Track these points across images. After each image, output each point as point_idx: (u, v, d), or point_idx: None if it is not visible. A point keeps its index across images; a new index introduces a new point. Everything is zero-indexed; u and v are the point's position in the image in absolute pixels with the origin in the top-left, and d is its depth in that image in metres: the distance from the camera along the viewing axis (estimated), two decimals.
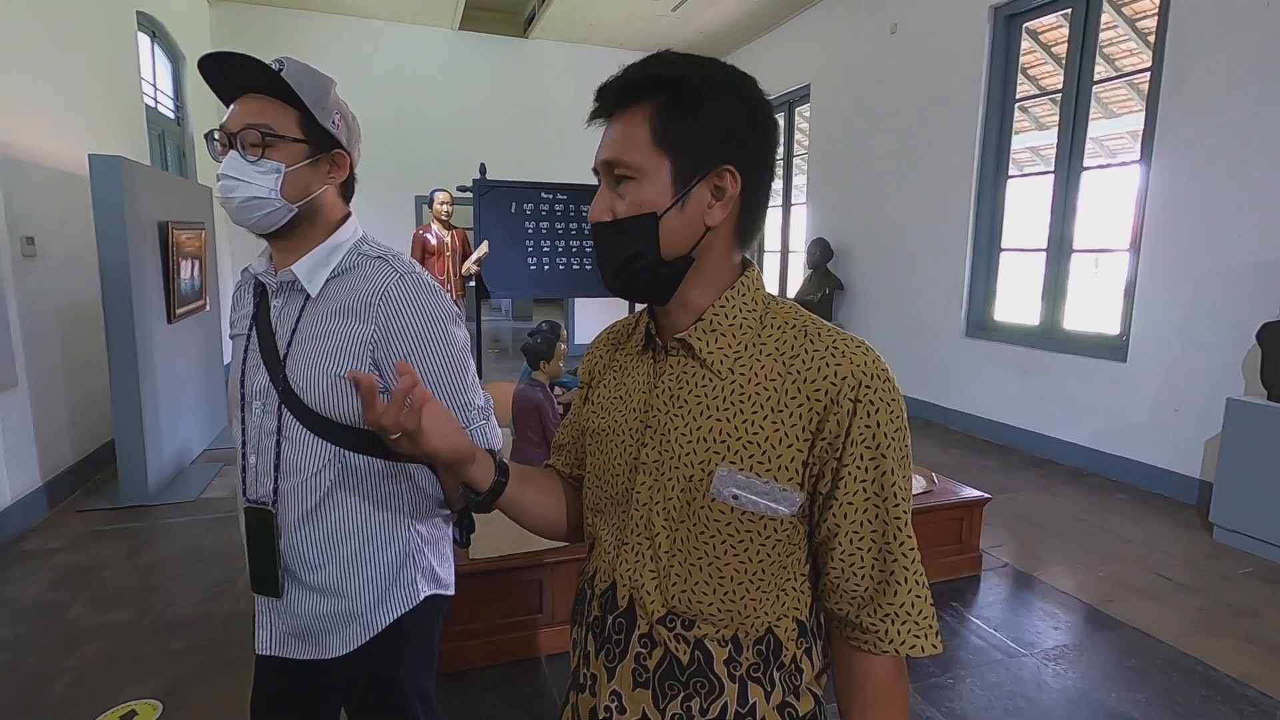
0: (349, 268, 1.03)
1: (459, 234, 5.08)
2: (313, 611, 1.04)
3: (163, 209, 3.89)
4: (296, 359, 1.00)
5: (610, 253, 0.70)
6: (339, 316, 1.00)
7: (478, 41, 7.98)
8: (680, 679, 0.71)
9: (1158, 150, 3.92)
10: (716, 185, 0.68)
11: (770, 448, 0.67)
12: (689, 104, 0.65)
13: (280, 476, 1.00)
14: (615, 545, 0.75)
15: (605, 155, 0.69)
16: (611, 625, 0.75)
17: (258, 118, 0.96)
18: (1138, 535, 3.41)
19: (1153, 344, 4.00)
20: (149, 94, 5.38)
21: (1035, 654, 2.41)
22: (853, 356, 0.67)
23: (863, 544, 0.68)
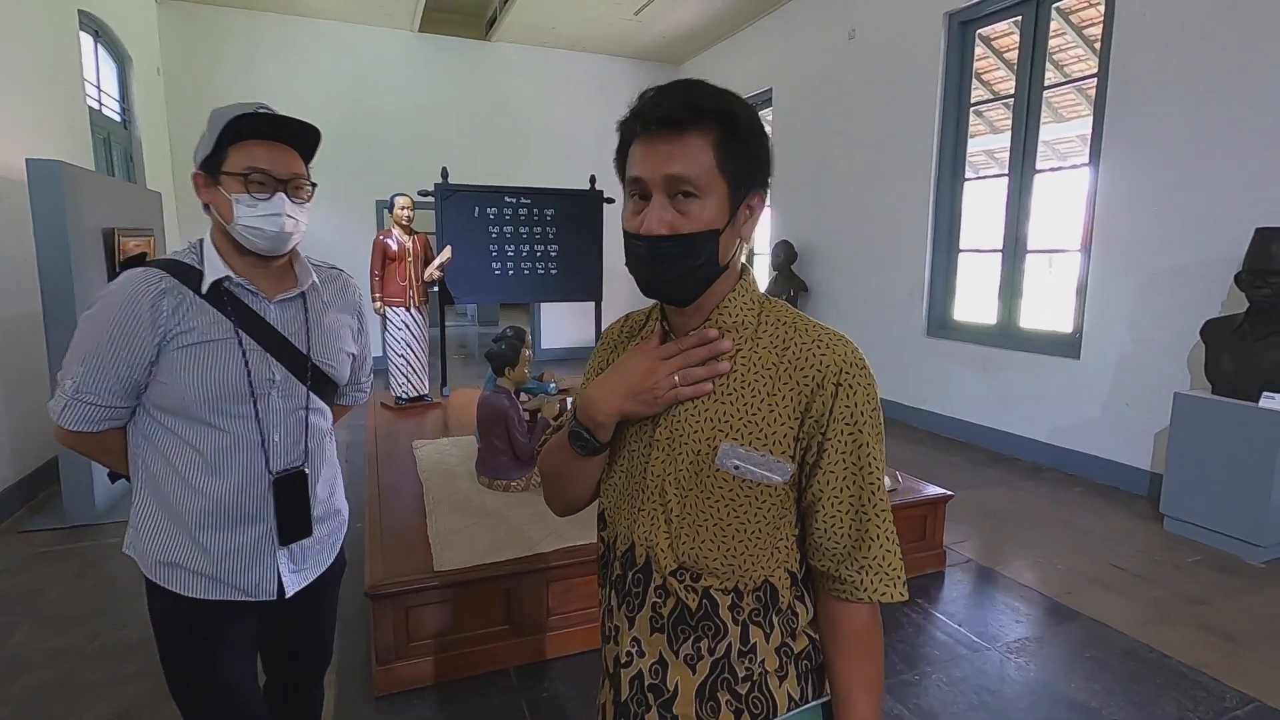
0: (320, 273, 1.32)
1: (421, 239, 4.99)
2: (326, 531, 1.34)
3: (108, 215, 3.74)
4: (321, 346, 1.28)
5: (669, 262, 0.78)
6: (333, 310, 1.32)
7: (438, 44, 7.88)
8: (690, 623, 0.83)
9: (1105, 153, 4.05)
10: (750, 205, 0.81)
11: (766, 425, 0.79)
12: (741, 137, 0.77)
13: (309, 439, 1.27)
14: (632, 512, 0.87)
15: (671, 170, 0.75)
16: (631, 580, 0.88)
17: (298, 168, 1.18)
18: (1094, 527, 3.51)
19: (1104, 341, 4.13)
20: (93, 96, 5.18)
21: (998, 648, 2.46)
22: (835, 348, 0.80)
23: (842, 507, 0.80)
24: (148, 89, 6.37)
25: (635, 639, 0.87)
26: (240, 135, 1.12)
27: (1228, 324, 3.32)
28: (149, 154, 6.24)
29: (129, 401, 1.15)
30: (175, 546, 1.18)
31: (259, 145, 1.13)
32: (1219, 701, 2.15)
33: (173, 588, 1.19)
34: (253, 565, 1.21)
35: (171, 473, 1.17)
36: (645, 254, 0.78)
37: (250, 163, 1.12)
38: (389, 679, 2.16)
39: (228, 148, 1.12)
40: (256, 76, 7.18)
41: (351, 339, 1.37)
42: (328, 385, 1.31)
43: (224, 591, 1.20)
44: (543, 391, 3.57)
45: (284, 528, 1.23)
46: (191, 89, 6.98)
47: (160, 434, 1.17)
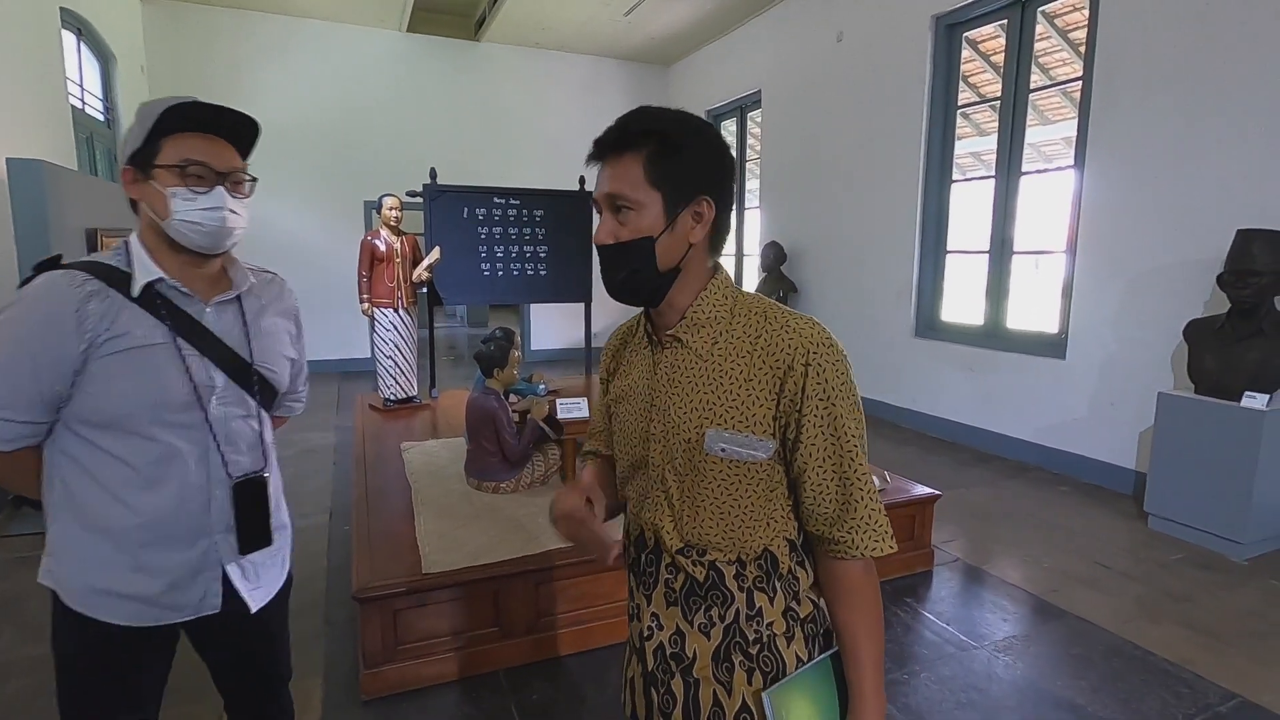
0: (256, 277, 1.26)
1: (409, 240, 4.97)
2: (280, 544, 1.28)
3: (92, 215, 3.70)
4: (264, 351, 1.22)
5: (615, 268, 0.89)
6: (271, 314, 1.27)
7: (427, 44, 7.85)
8: (700, 594, 0.91)
9: (1090, 155, 4.10)
10: (696, 211, 0.88)
11: (746, 409, 0.86)
12: (674, 150, 0.85)
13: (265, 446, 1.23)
14: (640, 499, 0.96)
15: (608, 189, 0.87)
16: (644, 561, 0.97)
17: (238, 163, 1.13)
18: (1079, 526, 3.54)
19: (1089, 341, 4.17)
20: (75, 95, 5.12)
21: (986, 646, 2.47)
22: (802, 330, 0.87)
23: (826, 475, 0.86)
24: (132, 88, 6.30)
25: (654, 614, 0.96)
26: (174, 127, 1.06)
27: (1210, 324, 3.36)
28: None
29: (49, 416, 1.06)
30: (108, 572, 1.09)
31: (195, 137, 1.07)
32: (1202, 698, 2.17)
33: (102, 617, 1.10)
34: (195, 581, 1.14)
35: (100, 491, 1.08)
36: (600, 261, 0.91)
37: (186, 154, 1.06)
38: (377, 683, 2.14)
39: (160, 140, 1.06)
40: (243, 76, 7.12)
41: (290, 344, 1.31)
42: (269, 392, 1.25)
43: (161, 615, 1.13)
44: (532, 393, 3.56)
45: (244, 536, 1.17)
46: (177, 88, 6.90)
47: (85, 450, 1.07)
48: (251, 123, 1.13)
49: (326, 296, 7.62)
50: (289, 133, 7.36)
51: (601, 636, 2.42)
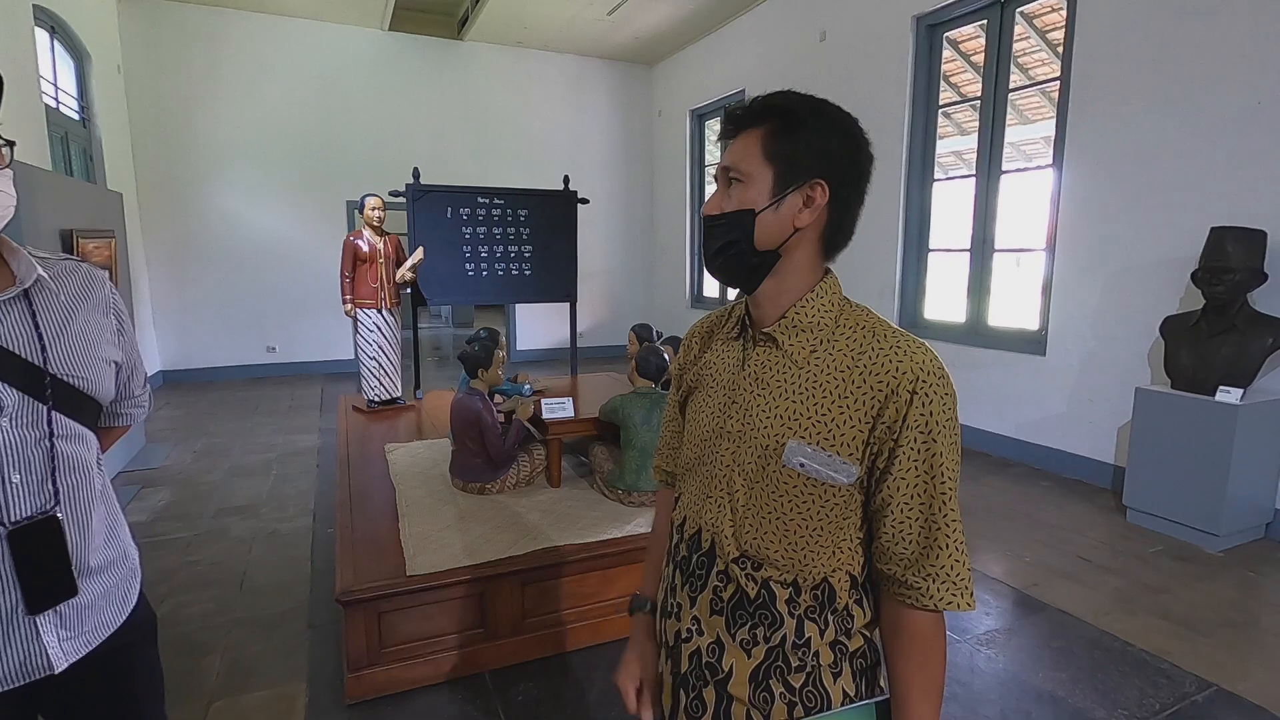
0: (51, 267, 1.05)
1: (392, 240, 4.93)
2: (111, 583, 1.08)
3: (66, 217, 3.64)
4: (66, 356, 1.01)
5: (713, 240, 0.86)
6: (82, 311, 1.06)
7: (409, 43, 7.79)
8: (749, 610, 0.86)
9: (1068, 155, 4.15)
10: (808, 195, 0.82)
11: (835, 427, 0.80)
12: (794, 127, 0.82)
13: (60, 476, 1.00)
14: (701, 497, 0.91)
15: (725, 162, 0.85)
16: (695, 563, 0.91)
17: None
18: (1060, 520, 3.59)
19: (1069, 338, 4.22)
20: (49, 94, 5.03)
21: (968, 640, 2.50)
22: (913, 355, 0.80)
23: (911, 514, 0.80)
24: (108, 87, 6.20)
25: (695, 618, 0.91)
26: None
27: (1185, 320, 3.42)
28: (109, 153, 6.08)
29: None
30: None
31: None
32: (1179, 687, 2.21)
33: None
34: (9, 643, 0.95)
35: None
36: (704, 233, 0.88)
37: None
38: (361, 686, 2.13)
39: None
40: (222, 75, 7.04)
41: (112, 344, 1.10)
42: (85, 404, 1.04)
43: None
44: (517, 393, 3.55)
45: (33, 591, 0.95)
46: (154, 87, 6.81)
47: None
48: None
49: (309, 297, 7.57)
50: (269, 133, 7.28)
51: (589, 636, 2.42)
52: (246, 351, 7.51)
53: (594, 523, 2.64)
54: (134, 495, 3.89)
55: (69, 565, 0.99)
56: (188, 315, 7.22)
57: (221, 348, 7.40)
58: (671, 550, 0.97)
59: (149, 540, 3.31)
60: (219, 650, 2.41)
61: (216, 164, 7.16)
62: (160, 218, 6.98)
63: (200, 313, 7.27)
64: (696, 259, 8.53)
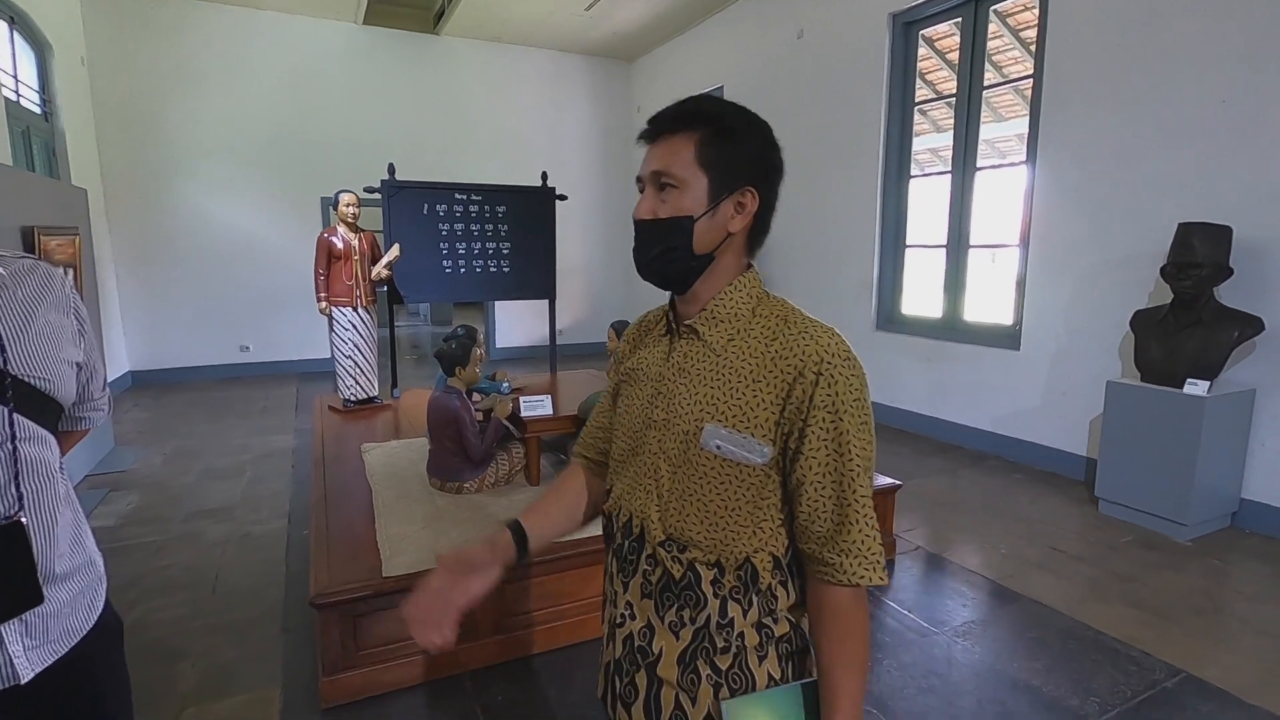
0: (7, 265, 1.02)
1: (367, 237, 4.86)
2: (76, 590, 1.06)
3: (27, 213, 3.54)
4: (26, 357, 0.98)
5: (649, 244, 0.88)
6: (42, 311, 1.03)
7: (384, 37, 7.68)
8: (675, 592, 0.89)
9: (1041, 152, 4.21)
10: (739, 201, 0.88)
11: (749, 410, 0.84)
12: (727, 137, 0.85)
13: (24, 480, 0.97)
14: (631, 485, 0.94)
15: (655, 167, 0.86)
16: (628, 548, 0.95)
17: None
18: (1034, 512, 3.64)
19: (1042, 332, 4.29)
20: (9, 86, 4.88)
21: (946, 632, 2.53)
22: (818, 339, 0.84)
23: (824, 492, 0.83)
24: (71, 80, 6.03)
25: (629, 603, 0.94)
26: None
27: (1154, 314, 3.49)
28: (74, 148, 5.91)
29: None
30: None
31: None
32: (1150, 674, 2.26)
33: None
34: None
35: None
36: (635, 236, 0.90)
37: None
38: (337, 690, 2.10)
39: None
40: (191, 69, 6.88)
41: (73, 344, 1.08)
42: (47, 406, 1.03)
43: None
44: (495, 391, 3.52)
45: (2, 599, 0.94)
46: (120, 81, 6.64)
47: None
48: None
49: (283, 295, 7.45)
50: (240, 127, 7.14)
51: (567, 635, 2.41)
52: (219, 351, 7.37)
53: None
54: (101, 499, 3.80)
55: (34, 572, 0.96)
56: (157, 315, 7.07)
57: (193, 348, 7.25)
58: (608, 539, 1.01)
59: (117, 545, 3.23)
60: (191, 656, 2.36)
61: (187, 159, 7.00)
62: (128, 215, 6.81)
63: (171, 312, 7.11)
64: None
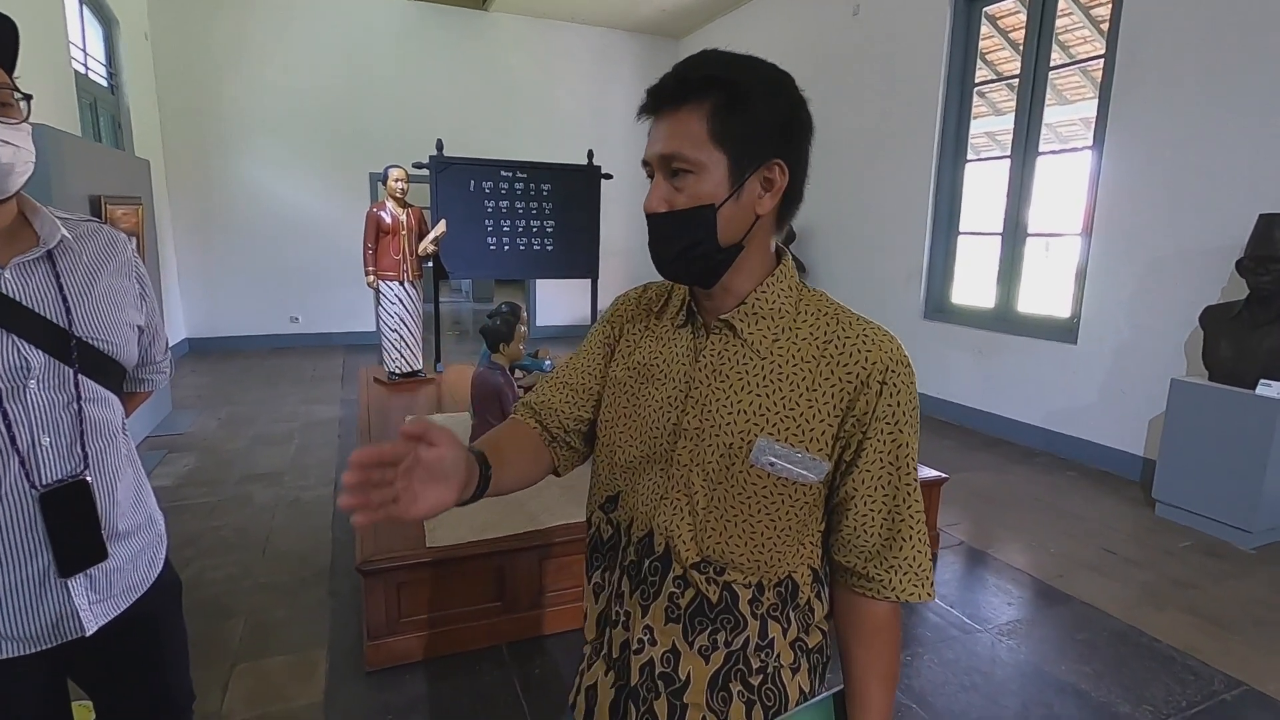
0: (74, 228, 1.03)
1: (415, 212, 4.92)
2: (138, 547, 1.09)
3: (95, 182, 3.66)
4: (91, 319, 1.00)
5: (668, 241, 0.77)
6: (105, 274, 1.04)
7: (433, 13, 7.71)
8: (709, 615, 0.81)
9: (1109, 136, 4.00)
10: (766, 177, 0.75)
11: (805, 422, 0.76)
12: (743, 103, 0.71)
13: (88, 440, 1.00)
14: (655, 499, 0.83)
15: (662, 149, 0.74)
16: (648, 568, 0.84)
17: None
18: (1086, 512, 3.52)
19: (1102, 326, 4.11)
20: (78, 60, 5.04)
21: (990, 630, 2.47)
22: (881, 344, 0.77)
23: (875, 506, 0.77)
24: (136, 54, 6.21)
25: (648, 627, 0.84)
26: None
27: (1227, 310, 3.30)
28: (137, 120, 6.10)
29: None
30: None
31: None
32: (1207, 685, 2.17)
33: None
34: (41, 606, 0.96)
35: None
36: (650, 231, 0.78)
37: None
38: (380, 654, 2.15)
39: None
40: (247, 43, 7.01)
41: (135, 308, 1.09)
42: (110, 368, 1.04)
43: (12, 647, 0.96)
44: (538, 369, 3.54)
45: (64, 555, 0.95)
46: (181, 55, 6.81)
47: None
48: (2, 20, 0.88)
49: (331, 269, 7.61)
50: (293, 103, 7.27)
51: None
52: (270, 321, 7.59)
53: None
54: (160, 460, 3.96)
55: (99, 529, 0.99)
56: (213, 284, 7.29)
57: (246, 317, 7.47)
58: (617, 555, 0.89)
59: (175, 504, 3.36)
60: (242, 614, 2.45)
61: (242, 133, 7.17)
62: (186, 186, 7.02)
63: (225, 282, 7.34)
64: None
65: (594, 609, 0.93)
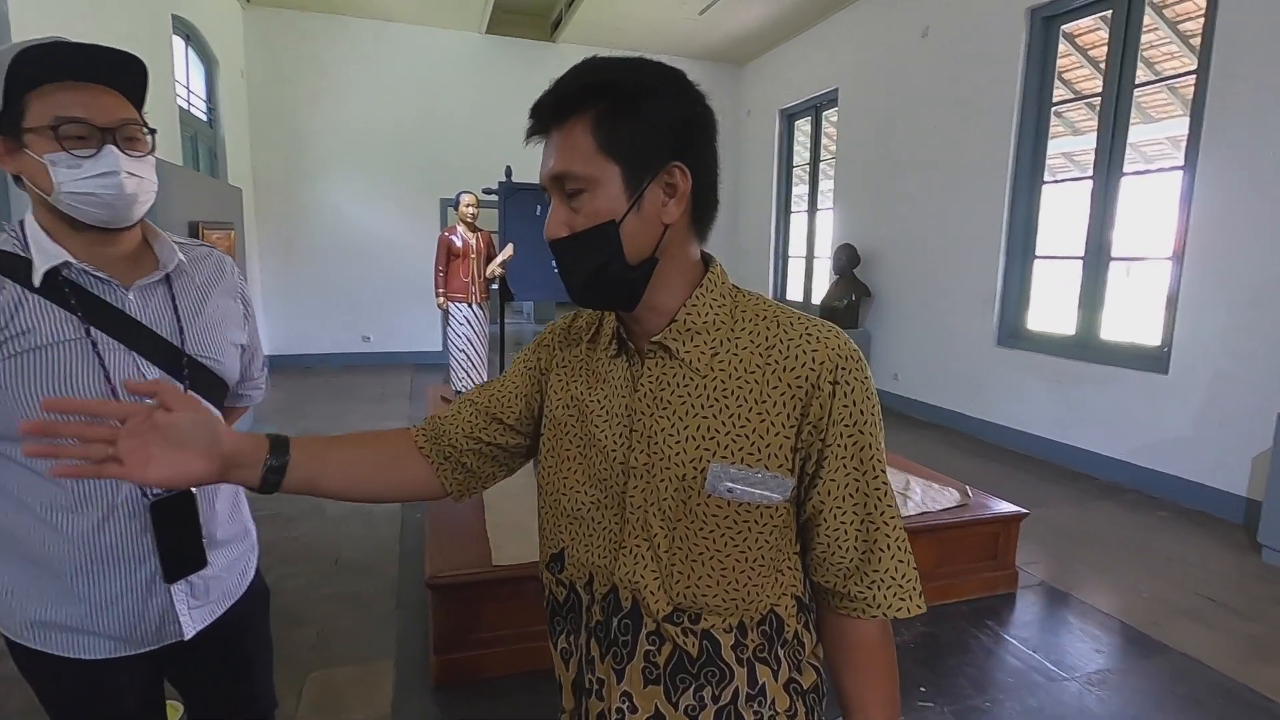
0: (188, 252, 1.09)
1: (484, 236, 5.07)
2: (234, 556, 1.14)
3: (195, 209, 3.93)
4: (200, 338, 1.07)
5: (575, 266, 0.71)
6: (214, 296, 1.11)
7: (504, 45, 8.01)
8: (691, 671, 0.74)
9: (1203, 156, 3.79)
10: (668, 183, 0.69)
11: (759, 438, 0.70)
12: (628, 107, 0.66)
13: None
14: (611, 549, 0.76)
15: (552, 170, 0.69)
16: (617, 627, 0.76)
17: (126, 112, 0.93)
18: (1181, 554, 3.28)
19: (1196, 355, 3.86)
20: (182, 97, 5.45)
21: (1077, 678, 2.31)
22: (826, 341, 0.70)
23: (846, 518, 0.72)
24: (232, 90, 6.67)
25: (626, 694, 0.76)
26: (38, 78, 0.86)
27: None
28: (231, 152, 6.54)
29: None
30: (45, 604, 0.96)
31: (67, 89, 0.87)
32: None
33: (51, 650, 0.98)
34: (147, 610, 1.00)
35: (25, 515, 0.93)
36: (556, 260, 0.72)
37: (59, 111, 0.86)
38: (447, 669, 2.18)
39: (25, 97, 0.86)
40: (330, 78, 7.44)
41: (239, 327, 1.16)
42: (216, 384, 1.09)
43: (118, 648, 1.00)
44: None
45: (169, 562, 1.00)
46: (272, 90, 7.28)
47: (3, 468, 0.93)
48: (135, 61, 0.93)
49: (402, 290, 7.90)
50: (371, 132, 7.64)
51: None
52: (343, 339, 7.92)
53: None
54: None
55: (200, 537, 1.04)
56: (292, 303, 7.68)
57: (321, 335, 7.83)
58: (580, 617, 0.81)
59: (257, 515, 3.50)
60: (314, 623, 2.53)
61: (323, 161, 7.58)
62: (271, 211, 7.46)
63: (303, 301, 7.72)
64: (779, 259, 8.37)
65: (566, 676, 0.85)
